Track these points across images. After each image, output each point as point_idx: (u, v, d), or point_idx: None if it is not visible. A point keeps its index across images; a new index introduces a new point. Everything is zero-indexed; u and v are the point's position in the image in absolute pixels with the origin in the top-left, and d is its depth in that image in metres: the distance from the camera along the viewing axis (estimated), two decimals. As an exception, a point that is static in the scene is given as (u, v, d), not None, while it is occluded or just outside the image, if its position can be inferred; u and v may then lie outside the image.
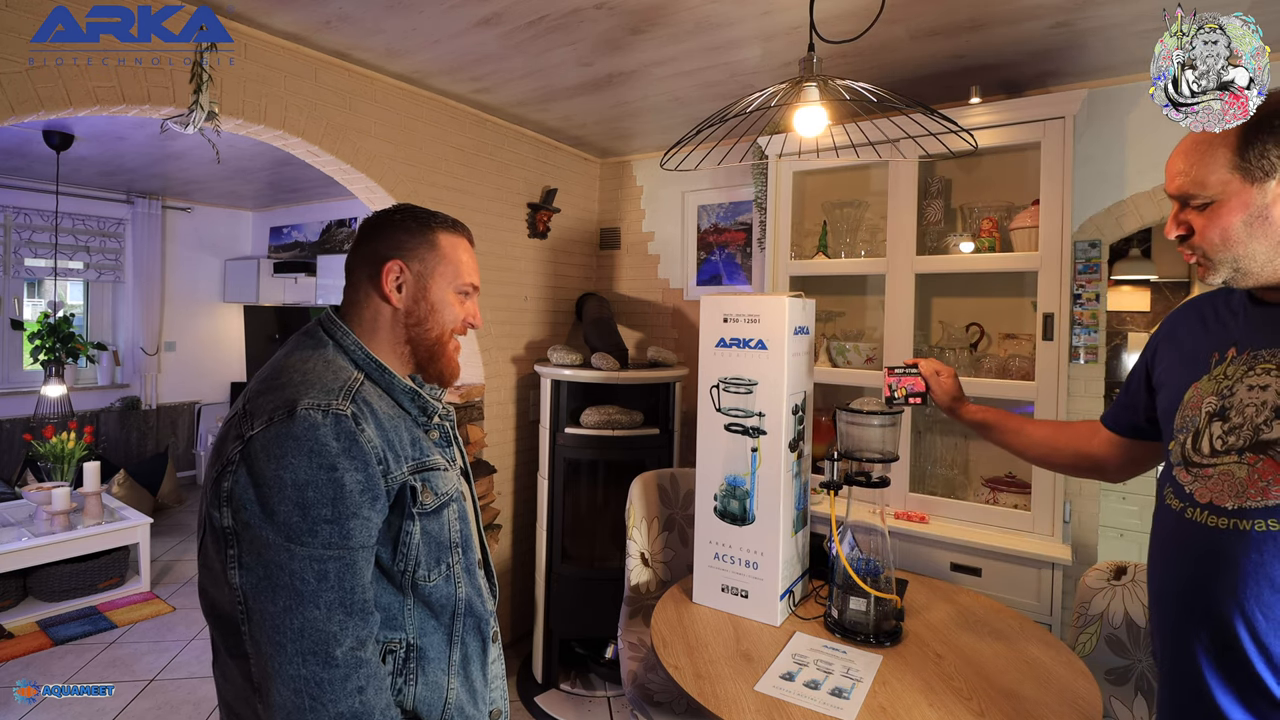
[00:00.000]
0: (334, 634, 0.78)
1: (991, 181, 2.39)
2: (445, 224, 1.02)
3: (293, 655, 0.77)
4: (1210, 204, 0.86)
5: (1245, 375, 0.88)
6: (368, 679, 0.81)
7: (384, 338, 0.98)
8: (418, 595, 0.90)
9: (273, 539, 0.77)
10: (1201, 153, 0.88)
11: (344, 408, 0.83)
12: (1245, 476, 0.84)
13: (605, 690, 2.71)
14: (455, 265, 1.01)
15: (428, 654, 0.91)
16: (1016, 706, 1.23)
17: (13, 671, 2.78)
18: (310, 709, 0.77)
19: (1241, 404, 0.86)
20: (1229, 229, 0.85)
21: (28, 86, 1.64)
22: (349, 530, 0.80)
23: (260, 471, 0.78)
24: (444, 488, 0.94)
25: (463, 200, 2.83)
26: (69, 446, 3.84)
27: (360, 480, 0.81)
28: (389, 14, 1.98)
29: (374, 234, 1.00)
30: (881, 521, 1.60)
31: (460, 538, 0.96)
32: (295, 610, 0.77)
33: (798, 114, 1.46)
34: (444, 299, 0.99)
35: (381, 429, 0.87)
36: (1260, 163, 0.82)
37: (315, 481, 0.78)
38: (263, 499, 0.78)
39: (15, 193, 4.71)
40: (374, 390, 0.92)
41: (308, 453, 0.79)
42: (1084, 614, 1.56)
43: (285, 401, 0.81)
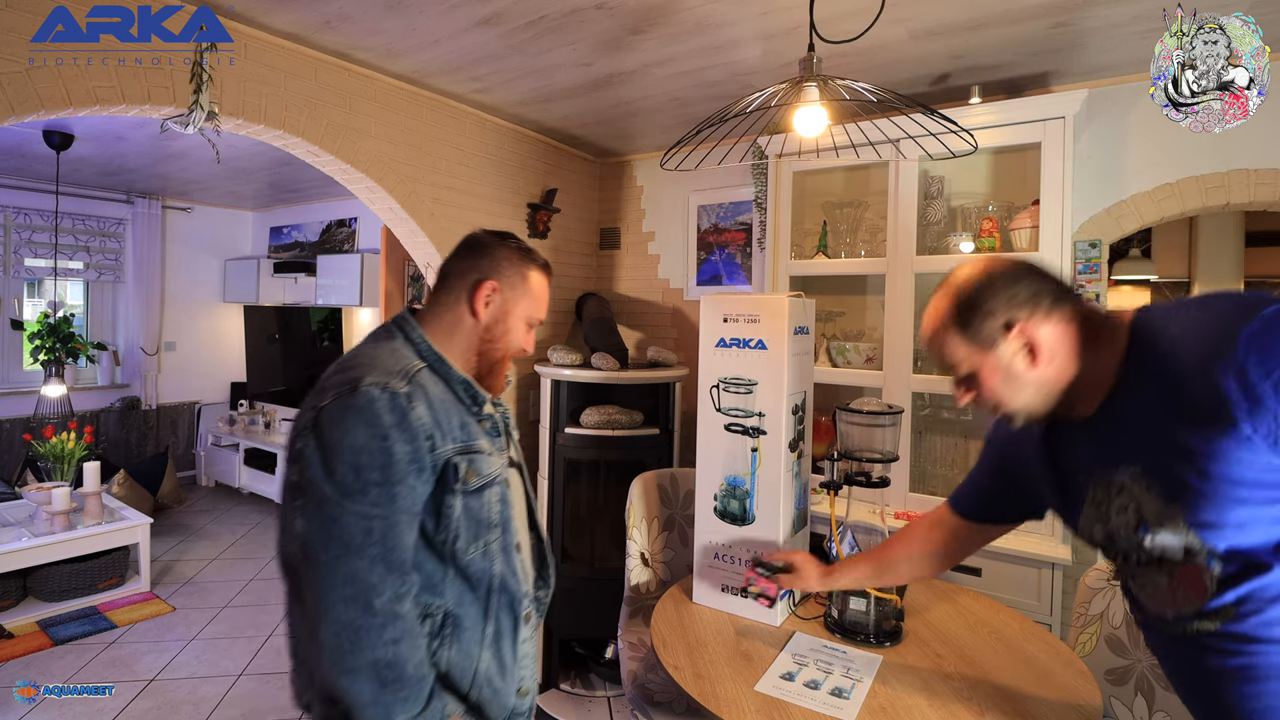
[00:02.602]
0: (374, 585, 0.89)
1: (991, 181, 2.39)
2: (540, 264, 1.15)
3: (338, 600, 0.88)
4: (970, 374, 0.96)
5: (1110, 498, 0.92)
6: (403, 633, 0.90)
7: (458, 342, 1.09)
8: (457, 566, 1.00)
9: (330, 494, 0.89)
10: (939, 339, 0.98)
11: (400, 387, 0.95)
12: (1168, 586, 0.88)
13: (605, 690, 2.71)
14: (535, 301, 1.14)
15: (463, 623, 1.01)
16: (1016, 706, 1.23)
17: (13, 671, 2.78)
18: (350, 651, 0.87)
19: (1119, 527, 0.91)
20: (995, 389, 0.95)
21: (28, 86, 1.64)
22: (395, 494, 0.91)
23: (326, 436, 0.91)
24: (487, 470, 1.03)
25: (463, 200, 2.83)
26: (69, 446, 3.84)
27: (408, 451, 0.92)
28: (389, 14, 1.98)
29: (482, 252, 1.11)
30: (881, 521, 1.60)
31: (500, 518, 1.05)
32: (343, 559, 0.88)
33: (798, 114, 1.46)
34: (517, 326, 1.12)
35: (432, 409, 0.97)
36: (982, 337, 0.93)
37: (369, 448, 0.90)
38: (325, 459, 0.90)
39: (15, 193, 4.71)
40: (431, 377, 1.02)
41: (365, 423, 0.91)
42: (1084, 614, 1.56)
43: (351, 380, 0.94)
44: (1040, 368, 0.91)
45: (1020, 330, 0.91)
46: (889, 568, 1.38)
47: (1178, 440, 0.81)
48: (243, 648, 3.02)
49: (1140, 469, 0.86)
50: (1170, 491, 0.83)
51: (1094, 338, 0.91)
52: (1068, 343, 0.91)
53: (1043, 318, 0.91)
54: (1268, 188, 2.10)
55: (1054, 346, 0.91)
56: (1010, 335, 0.91)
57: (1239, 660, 0.82)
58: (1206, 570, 0.83)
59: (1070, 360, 0.92)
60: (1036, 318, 0.91)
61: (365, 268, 4.75)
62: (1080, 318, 0.92)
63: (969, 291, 0.94)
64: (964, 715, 1.21)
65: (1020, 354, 0.92)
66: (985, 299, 0.93)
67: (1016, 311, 0.91)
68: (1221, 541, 0.81)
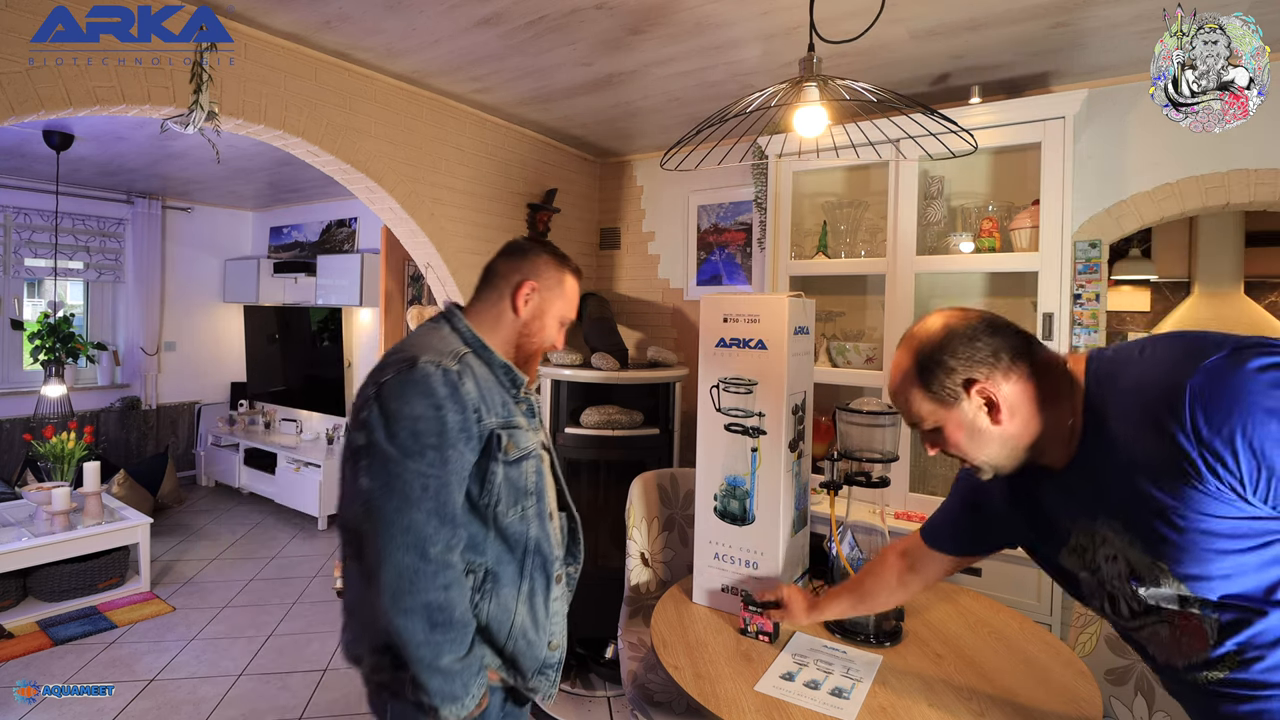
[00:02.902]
0: (430, 536, 1.02)
1: (991, 181, 2.39)
2: (574, 269, 1.31)
3: (398, 546, 1.01)
4: (936, 429, 0.98)
5: (1095, 548, 0.92)
6: (453, 580, 1.04)
7: (500, 333, 1.23)
8: (497, 528, 1.13)
9: (393, 454, 1.02)
10: (903, 396, 1.00)
11: (451, 365, 1.09)
12: (1170, 636, 0.87)
13: (605, 690, 2.71)
14: (568, 302, 1.29)
15: (501, 580, 1.14)
16: (1016, 706, 1.23)
17: (13, 671, 2.78)
18: (407, 592, 1.00)
19: (1109, 577, 0.91)
20: (959, 443, 0.96)
21: (28, 86, 1.64)
22: (447, 457, 1.05)
23: (388, 406, 1.04)
24: (525, 444, 1.17)
25: (463, 200, 2.83)
26: (69, 446, 3.84)
27: (459, 420, 1.06)
28: (389, 14, 1.98)
29: (525, 255, 1.26)
30: (881, 521, 1.60)
31: (535, 488, 1.18)
32: (404, 511, 1.01)
33: (798, 114, 1.46)
34: (552, 323, 1.26)
35: (479, 386, 1.12)
36: (943, 394, 0.94)
37: (425, 416, 1.04)
38: (388, 425, 1.03)
39: (15, 193, 4.71)
40: (476, 360, 1.16)
41: (422, 394, 1.04)
42: (1084, 614, 1.56)
43: (409, 358, 1.08)
44: (1003, 425, 0.92)
45: (980, 389, 0.92)
46: (867, 597, 1.40)
47: (1150, 497, 0.80)
48: (243, 648, 3.02)
49: (1120, 524, 0.86)
50: (1151, 546, 0.82)
51: (1054, 392, 0.91)
52: (1028, 399, 0.92)
53: (1002, 376, 0.91)
54: (1268, 188, 2.10)
55: (1014, 403, 0.92)
56: (970, 393, 0.92)
57: (1250, 706, 0.81)
58: (1206, 619, 0.82)
59: (1032, 416, 0.92)
60: (996, 376, 0.91)
61: (365, 268, 4.75)
62: (1039, 373, 0.92)
63: (928, 349, 0.95)
64: (964, 715, 1.20)
65: (981, 411, 0.93)
66: (945, 356, 0.93)
67: (975, 370, 0.92)
68: (1212, 592, 0.80)
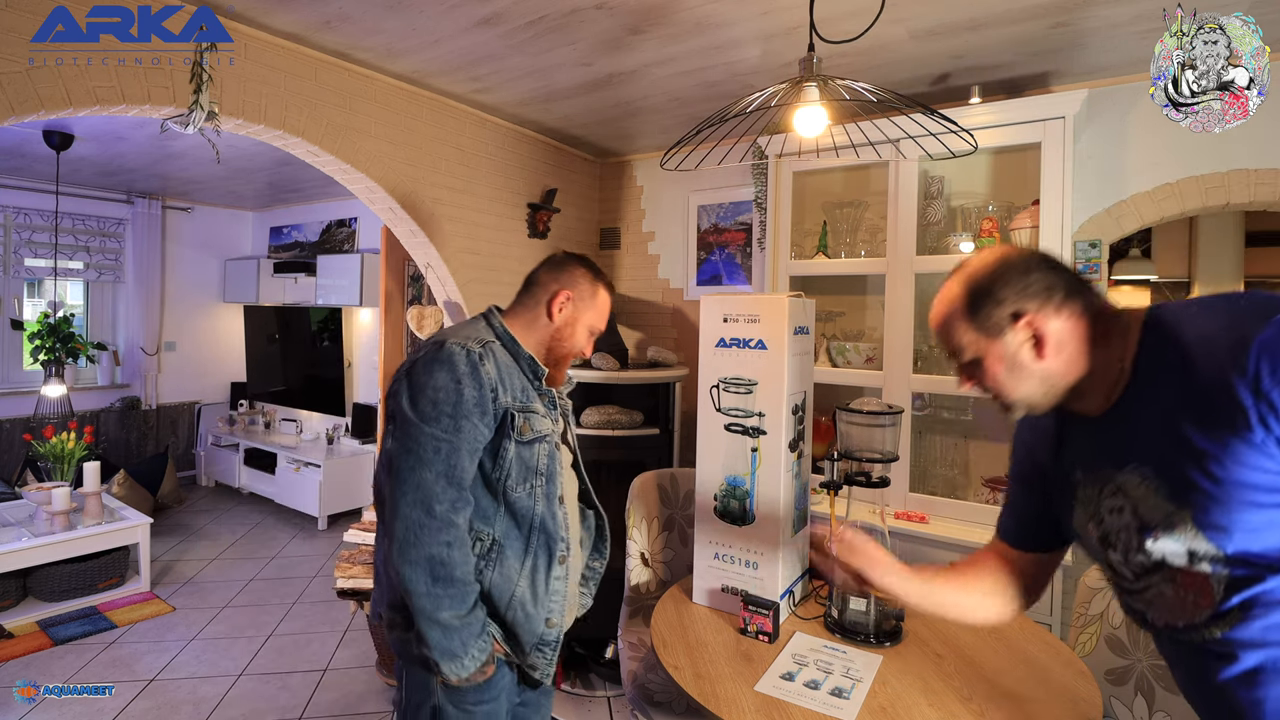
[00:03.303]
0: (437, 494, 1.13)
1: (991, 181, 2.39)
2: (608, 285, 1.41)
3: (408, 500, 1.13)
4: (975, 360, 0.96)
5: (1101, 498, 0.91)
6: (455, 538, 1.14)
7: (534, 336, 1.34)
8: (506, 502, 1.23)
9: (413, 419, 1.15)
10: (947, 324, 0.98)
11: (475, 348, 1.21)
12: (1174, 595, 0.86)
13: (605, 690, 2.71)
14: (599, 314, 1.39)
15: (506, 552, 1.22)
16: (1016, 706, 1.23)
17: (13, 671, 2.78)
18: (412, 544, 1.12)
19: (1115, 529, 0.90)
20: (998, 379, 0.95)
21: (28, 86, 1.64)
22: (460, 426, 1.16)
23: (415, 380, 1.18)
24: (539, 428, 1.26)
25: (463, 200, 2.83)
26: (69, 446, 3.84)
27: (475, 396, 1.17)
28: (389, 14, 1.98)
29: (565, 267, 1.37)
30: (881, 521, 1.60)
31: (545, 469, 1.26)
32: (416, 470, 1.14)
33: (798, 114, 1.46)
34: (581, 332, 1.36)
35: (498, 369, 1.23)
36: (989, 325, 0.93)
37: (445, 388, 1.16)
38: (412, 396, 1.17)
39: (15, 193, 4.71)
40: (502, 350, 1.28)
41: (446, 370, 1.17)
42: (1084, 614, 1.56)
43: (439, 341, 1.22)
44: (1046, 360, 0.91)
45: (1028, 321, 0.91)
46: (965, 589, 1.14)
47: (1191, 443, 0.80)
48: (243, 648, 3.02)
49: (1151, 469, 0.85)
50: (1179, 493, 0.82)
51: (1105, 334, 0.91)
52: (1077, 338, 0.91)
53: (1053, 311, 0.90)
54: (1268, 188, 2.10)
55: (1062, 340, 0.90)
56: (1018, 325, 0.91)
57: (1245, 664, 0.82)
58: (1214, 575, 0.82)
59: (1079, 356, 0.91)
60: (1046, 310, 0.90)
61: (365, 268, 4.75)
62: (1092, 314, 0.92)
63: (981, 278, 0.94)
64: (964, 715, 1.20)
65: (1026, 345, 0.91)
66: (997, 287, 0.92)
67: (1026, 302, 0.91)
68: (1230, 545, 0.80)
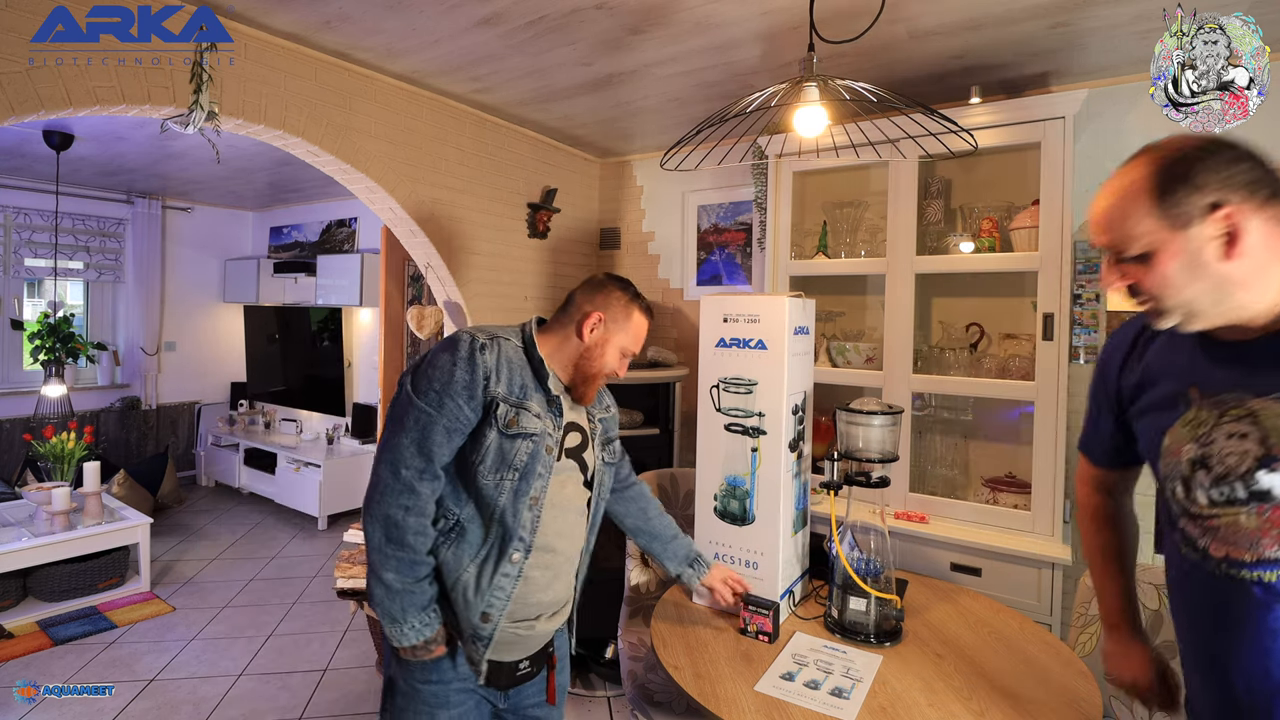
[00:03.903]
0: (405, 459, 1.19)
1: (991, 181, 2.38)
2: (644, 307, 1.41)
3: (382, 460, 1.21)
4: (1144, 255, 0.85)
5: (1219, 422, 0.85)
6: (413, 504, 1.19)
7: (565, 353, 1.36)
8: (475, 488, 1.24)
9: (408, 391, 1.23)
10: (1124, 207, 0.86)
11: (482, 338, 1.26)
12: (1256, 527, 0.81)
13: (605, 690, 2.71)
14: (632, 336, 1.38)
15: (466, 535, 1.24)
16: (1016, 706, 1.23)
17: (13, 671, 2.78)
18: (376, 500, 1.19)
19: (1223, 453, 0.83)
20: (1168, 277, 0.84)
21: (28, 86, 1.64)
22: (443, 403, 1.20)
23: (424, 360, 1.26)
24: (528, 426, 1.26)
25: (463, 200, 2.83)
26: (69, 446, 3.84)
27: (465, 379, 1.22)
28: (389, 14, 1.98)
29: (601, 289, 1.38)
30: (881, 521, 1.60)
31: (522, 466, 1.25)
32: (395, 434, 1.21)
33: (798, 114, 1.46)
34: (612, 352, 1.36)
35: (499, 361, 1.26)
36: (1178, 212, 0.82)
37: (441, 366, 1.23)
38: (415, 374, 1.25)
39: (15, 193, 4.71)
40: (515, 349, 1.31)
41: (449, 352, 1.24)
42: (1084, 614, 1.56)
43: (459, 331, 1.29)
44: (1232, 263, 0.80)
45: (1228, 214, 0.79)
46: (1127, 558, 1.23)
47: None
48: (243, 648, 3.02)
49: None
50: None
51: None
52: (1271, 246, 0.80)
53: (1255, 209, 0.79)
54: (1268, 188, 2.10)
55: (1255, 244, 0.80)
56: (1213, 217, 0.80)
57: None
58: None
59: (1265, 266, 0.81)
60: (1249, 207, 0.79)
61: (365, 268, 4.75)
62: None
63: (1181, 159, 0.82)
64: (964, 715, 1.21)
65: (1216, 242, 0.80)
66: (1198, 171, 0.81)
67: (1230, 193, 0.79)
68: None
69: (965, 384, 2.19)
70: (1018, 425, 2.31)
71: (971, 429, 2.40)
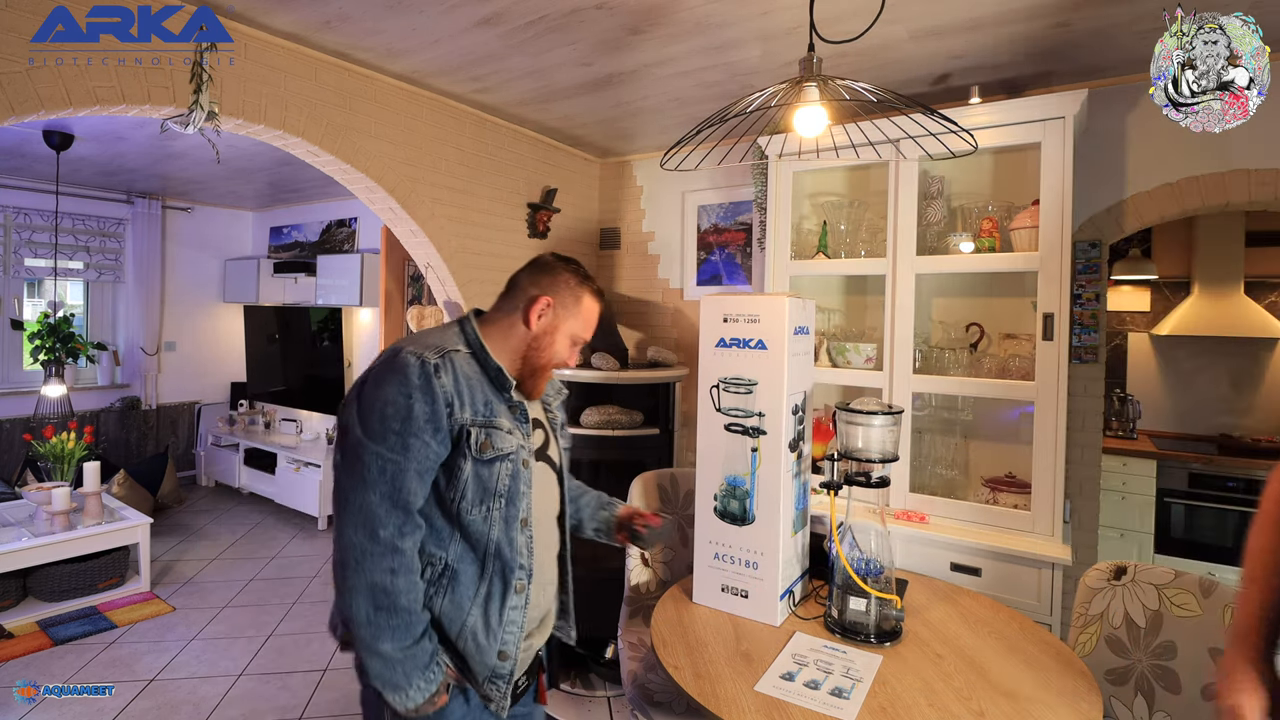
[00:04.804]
0: (380, 517, 1.04)
1: (991, 181, 2.39)
2: (595, 290, 1.30)
3: (351, 524, 1.04)
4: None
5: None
6: (400, 565, 1.05)
7: (510, 345, 1.23)
8: (460, 525, 1.13)
9: (360, 436, 1.07)
10: None
11: (431, 358, 1.10)
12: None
13: (605, 690, 2.71)
14: (583, 322, 1.28)
15: (460, 578, 1.13)
16: (1016, 706, 1.23)
17: (13, 671, 2.78)
18: (354, 571, 1.04)
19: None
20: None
21: (28, 86, 1.64)
22: (409, 444, 1.06)
23: (366, 392, 1.09)
24: (502, 446, 1.15)
25: (463, 200, 2.83)
26: (69, 446, 3.84)
27: (426, 411, 1.07)
28: (389, 14, 1.98)
29: (547, 271, 1.26)
30: (881, 521, 1.60)
31: (506, 490, 1.15)
32: (359, 490, 1.05)
33: (798, 114, 1.46)
34: (562, 340, 1.25)
35: (457, 382, 1.12)
36: None
37: (395, 402, 1.06)
38: (361, 407, 1.08)
39: (15, 193, 4.71)
40: (468, 360, 1.17)
41: (397, 383, 1.07)
42: (1084, 614, 1.56)
43: (396, 348, 1.12)
44: None
45: None
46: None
47: None
48: (243, 648, 3.02)
49: None
50: None
51: None
52: None
53: None
54: (1268, 188, 2.10)
55: None
56: None
57: None
58: None
59: None
60: None
61: (365, 268, 4.75)
62: None
63: None
64: (964, 715, 1.21)
65: None
66: None
67: None
68: None
69: (965, 384, 2.19)
70: (1018, 425, 2.31)
71: (971, 429, 2.40)
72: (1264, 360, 3.74)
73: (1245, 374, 3.80)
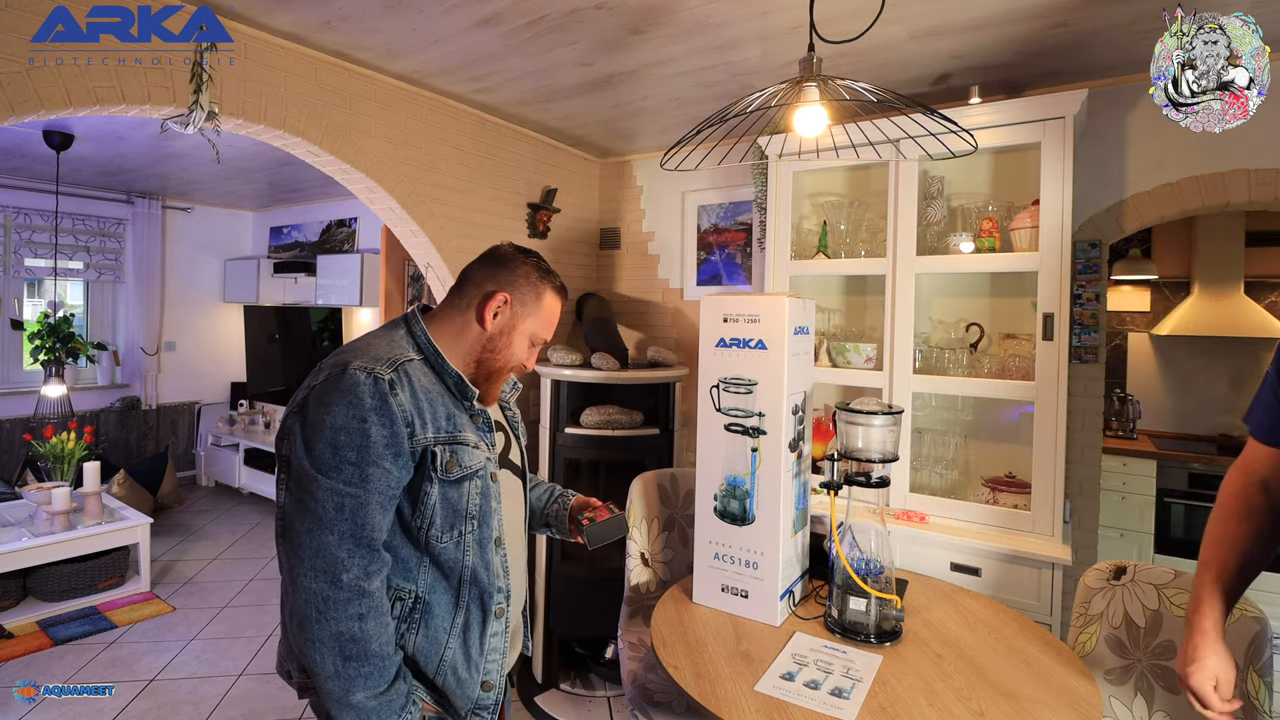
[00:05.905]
0: (342, 560, 0.93)
1: (991, 181, 2.39)
2: (557, 286, 1.18)
3: (309, 570, 0.93)
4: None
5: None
6: (369, 609, 0.94)
7: (461, 345, 1.11)
8: (430, 554, 1.03)
9: (309, 469, 0.94)
10: None
11: (384, 374, 0.97)
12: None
13: (605, 690, 2.71)
14: (543, 321, 1.16)
15: (433, 610, 1.03)
16: (1016, 706, 1.23)
17: (13, 671, 2.78)
18: (316, 620, 0.92)
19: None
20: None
21: (28, 86, 1.64)
22: (368, 474, 0.94)
23: (311, 415, 0.95)
24: (469, 462, 1.04)
25: (463, 200, 2.83)
26: (69, 446, 3.84)
27: (385, 435, 0.95)
28: (389, 14, 1.98)
29: (502, 264, 1.14)
30: (881, 521, 1.60)
31: (478, 511, 1.06)
32: (315, 533, 0.93)
33: (798, 114, 1.46)
34: (520, 341, 1.14)
35: (415, 398, 1.00)
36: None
37: (348, 428, 0.94)
38: (307, 437, 0.95)
39: (15, 193, 4.71)
40: (423, 369, 1.05)
41: (348, 404, 0.94)
42: (1084, 614, 1.56)
43: (342, 362, 0.98)
44: None
45: None
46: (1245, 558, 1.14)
47: None
48: (243, 648, 3.02)
49: None
50: None
51: None
52: None
53: None
54: (1267, 188, 2.10)
55: None
56: None
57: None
58: None
59: None
60: None
61: (365, 268, 4.75)
62: None
63: None
64: (964, 715, 1.21)
65: None
66: None
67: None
68: None
69: (965, 384, 2.19)
70: (1018, 425, 2.31)
71: (971, 429, 2.40)
72: (1264, 360, 3.74)
73: (1245, 374, 3.80)
